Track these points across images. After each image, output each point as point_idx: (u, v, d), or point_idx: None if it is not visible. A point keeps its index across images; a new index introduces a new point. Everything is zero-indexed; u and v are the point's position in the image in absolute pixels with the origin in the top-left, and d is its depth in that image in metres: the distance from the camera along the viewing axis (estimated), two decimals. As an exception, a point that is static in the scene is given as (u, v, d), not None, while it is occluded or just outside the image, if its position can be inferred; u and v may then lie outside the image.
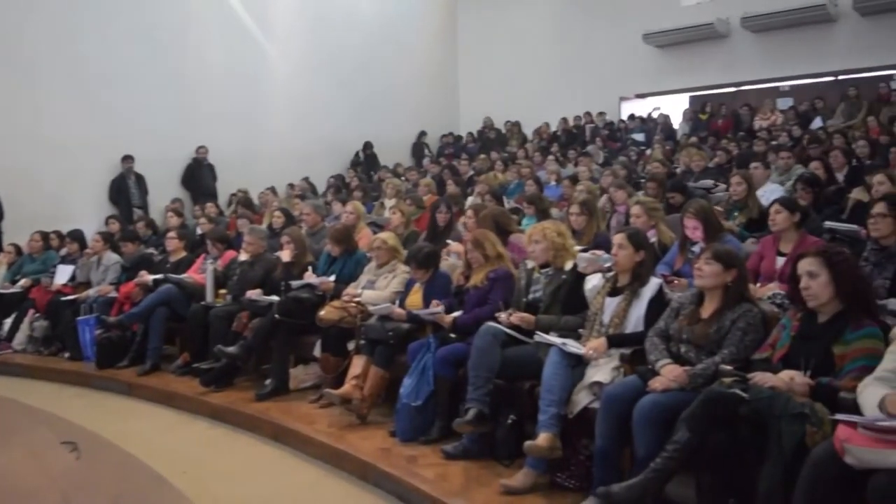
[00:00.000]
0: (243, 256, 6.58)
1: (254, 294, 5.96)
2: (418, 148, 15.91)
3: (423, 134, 16.08)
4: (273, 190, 11.77)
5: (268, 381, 5.57)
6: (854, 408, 2.62)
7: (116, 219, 9.50)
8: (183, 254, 7.32)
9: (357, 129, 14.69)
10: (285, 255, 6.07)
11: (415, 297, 5.03)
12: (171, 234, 7.57)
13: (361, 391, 4.78)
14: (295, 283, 5.72)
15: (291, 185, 12.55)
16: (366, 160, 14.73)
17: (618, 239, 3.91)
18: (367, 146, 14.92)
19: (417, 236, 6.64)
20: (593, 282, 4.03)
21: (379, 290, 5.34)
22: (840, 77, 12.98)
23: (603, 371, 3.62)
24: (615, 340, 3.74)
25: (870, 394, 2.57)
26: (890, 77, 12.25)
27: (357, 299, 5.28)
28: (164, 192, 11.67)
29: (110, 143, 10.96)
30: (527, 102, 15.66)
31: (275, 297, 5.77)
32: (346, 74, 14.48)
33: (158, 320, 6.55)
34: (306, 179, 12.67)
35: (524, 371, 3.99)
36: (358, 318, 5.13)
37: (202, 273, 6.72)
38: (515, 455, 3.85)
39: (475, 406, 3.91)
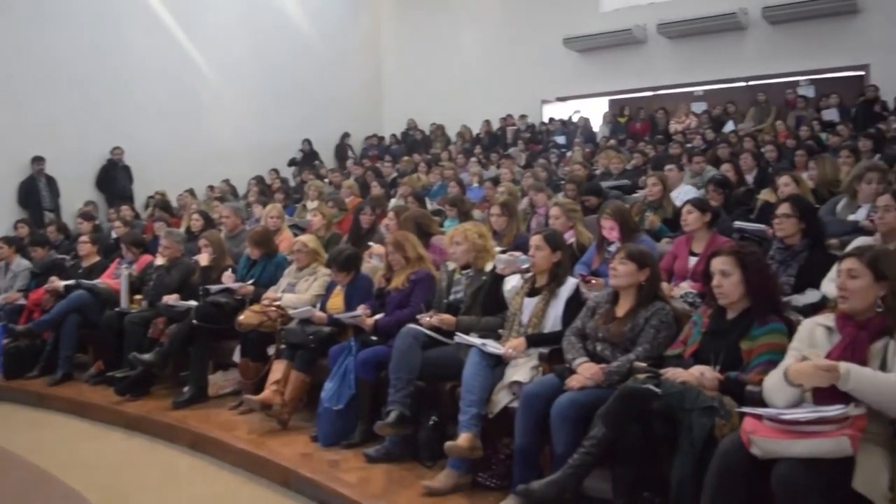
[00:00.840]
0: (160, 261, 6.41)
1: (171, 299, 5.81)
2: (342, 149, 15.79)
3: (346, 135, 15.97)
4: (192, 192, 11.50)
5: (185, 389, 5.43)
6: (760, 401, 2.73)
7: (25, 222, 9.10)
8: (96, 258, 7.06)
9: (280, 131, 14.49)
10: (203, 259, 5.93)
11: (336, 300, 4.99)
12: (84, 238, 7.31)
13: (282, 396, 4.72)
14: (213, 288, 5.60)
15: (211, 188, 12.30)
16: (304, 158, 14.55)
17: (535, 240, 3.96)
18: (306, 142, 14.78)
19: (339, 239, 6.60)
20: (512, 282, 4.08)
21: (299, 293, 5.27)
22: (751, 83, 13.43)
23: (522, 370, 3.66)
24: (534, 340, 3.79)
25: (773, 387, 2.68)
26: (796, 83, 12.78)
27: (277, 303, 5.20)
28: (77, 194, 11.27)
29: (19, 144, 10.54)
30: (451, 105, 15.71)
31: (192, 302, 5.64)
32: (268, 75, 14.28)
33: (70, 328, 6.32)
34: (226, 181, 12.42)
35: (445, 372, 4.00)
36: (278, 322, 5.08)
37: (116, 278, 6.51)
38: (438, 456, 3.85)
39: (396, 408, 3.91)
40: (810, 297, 3.65)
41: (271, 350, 5.07)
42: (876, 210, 3.85)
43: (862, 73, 12.46)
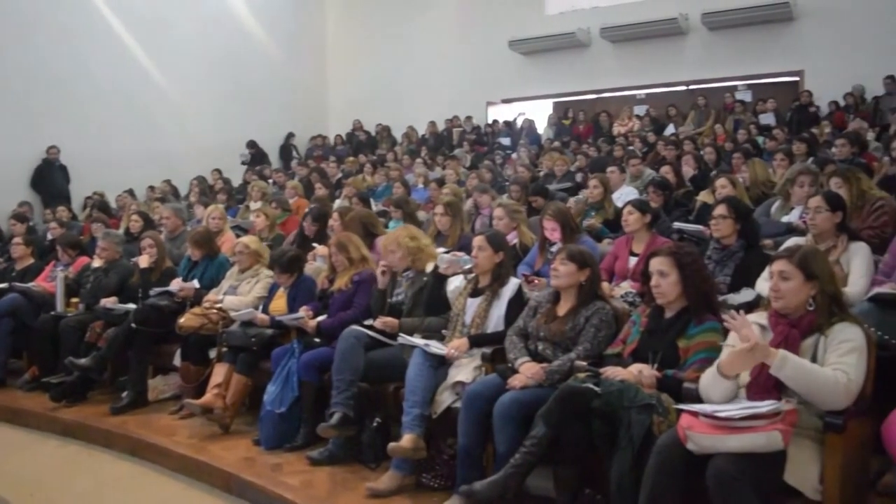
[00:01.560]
0: (97, 263, 6.24)
1: (109, 302, 5.68)
2: (286, 150, 15.64)
3: (290, 136, 15.82)
4: (131, 193, 11.27)
5: (124, 394, 5.31)
6: (697, 397, 2.80)
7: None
8: (31, 261, 6.85)
9: (224, 131, 14.25)
10: (143, 261, 5.80)
11: (279, 302, 4.94)
12: (17, 239, 7.09)
13: (224, 400, 4.66)
14: (153, 290, 5.49)
15: (152, 188, 12.05)
16: (254, 159, 14.34)
17: (478, 241, 3.98)
18: (252, 144, 14.57)
19: (283, 240, 6.53)
20: (455, 283, 4.09)
21: (241, 295, 5.21)
22: (691, 87, 13.72)
23: (465, 371, 3.68)
24: (476, 340, 3.81)
25: (709, 383, 2.76)
26: (735, 88, 13.09)
27: (218, 305, 5.14)
28: (10, 195, 10.90)
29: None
30: (396, 106, 15.70)
31: (131, 305, 5.52)
32: (213, 74, 14.08)
33: (3, 332, 6.12)
34: (168, 182, 12.18)
35: (389, 373, 4.00)
36: (219, 324, 5.01)
37: (52, 281, 6.34)
38: (381, 458, 3.85)
39: (340, 410, 3.90)
40: (745, 295, 3.74)
41: (212, 353, 5.00)
42: (808, 211, 3.96)
43: (797, 78, 12.84)
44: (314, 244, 5.92)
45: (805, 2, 12.46)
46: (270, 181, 11.13)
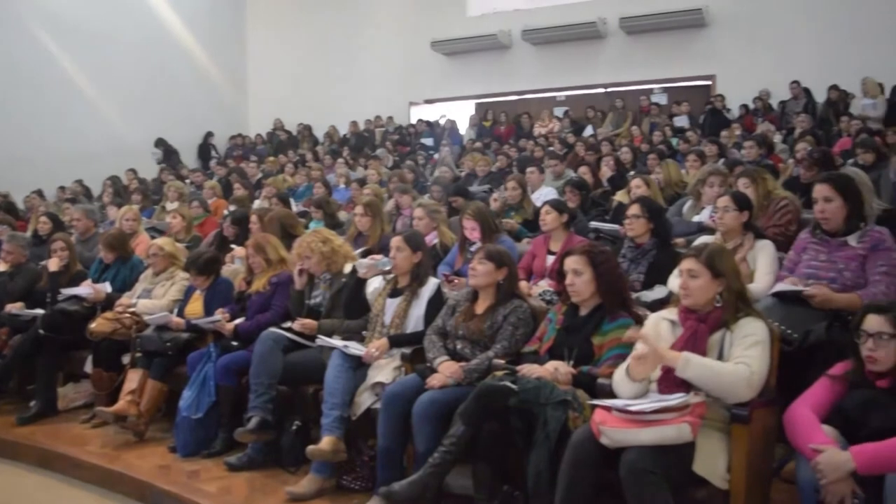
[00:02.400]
0: (2, 267, 5.97)
1: (14, 308, 5.44)
2: (205, 149, 15.30)
3: (209, 135, 15.48)
4: (40, 193, 10.83)
5: (32, 403, 5.10)
6: (610, 393, 2.86)
7: None
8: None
9: (138, 129, 13.85)
10: (53, 264, 5.57)
11: (195, 305, 4.83)
12: None
13: (138, 407, 4.52)
14: (62, 294, 5.29)
15: (62, 189, 11.61)
16: (165, 156, 13.94)
17: (395, 242, 3.97)
18: (160, 142, 14.13)
19: (200, 241, 6.39)
20: (374, 284, 4.08)
21: (156, 298, 5.06)
22: (609, 89, 14.00)
23: (385, 371, 3.67)
24: (396, 340, 3.81)
25: (621, 380, 2.84)
26: (651, 91, 13.45)
27: (132, 310, 4.98)
28: None
29: None
30: (318, 105, 15.54)
31: (39, 311, 5.30)
32: (126, 70, 13.63)
33: None
34: (79, 182, 11.75)
35: (308, 375, 3.96)
36: (133, 329, 4.85)
37: (-48, 287, 6.02)
38: (301, 461, 3.81)
39: (258, 414, 3.85)
40: (658, 292, 3.85)
41: (126, 359, 4.84)
42: (717, 211, 4.10)
43: (709, 82, 13.27)
44: (233, 245, 5.82)
45: (716, 9, 12.91)
46: (188, 181, 10.87)
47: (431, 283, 3.96)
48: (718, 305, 2.84)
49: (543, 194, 6.43)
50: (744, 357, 2.68)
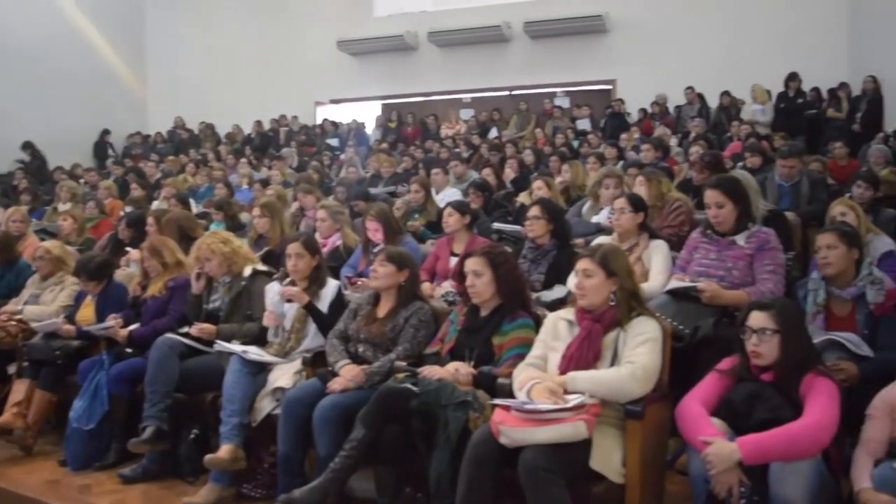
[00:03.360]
0: None
1: None
2: (101, 148, 14.69)
3: (106, 133, 14.86)
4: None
5: None
6: (510, 393, 2.89)
7: None
8: None
9: (29, 125, 13.14)
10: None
11: (86, 311, 4.63)
12: None
13: (25, 419, 4.30)
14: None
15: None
16: (31, 162, 13.22)
17: (293, 249, 3.89)
18: (28, 146, 13.37)
19: (94, 244, 6.13)
20: (274, 289, 3.99)
21: (44, 304, 4.83)
22: (514, 92, 14.22)
23: (285, 376, 3.61)
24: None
25: (521, 378, 2.86)
26: (554, 94, 13.72)
27: (18, 317, 4.72)
28: None
29: None
30: (222, 103, 15.13)
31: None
32: (17, 62, 12.90)
33: None
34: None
35: (206, 382, 3.85)
36: (19, 337, 4.61)
37: None
38: (200, 471, 3.69)
39: (153, 423, 3.71)
40: (557, 292, 3.93)
41: (12, 369, 4.61)
42: (614, 212, 4.21)
43: (610, 87, 13.65)
44: (128, 249, 5.61)
45: (616, 16, 13.30)
46: (82, 181, 10.43)
47: (332, 286, 3.92)
48: (613, 305, 2.91)
49: (448, 195, 6.46)
50: (632, 355, 2.77)
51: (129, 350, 4.21)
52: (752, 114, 10.80)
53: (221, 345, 3.83)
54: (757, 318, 2.71)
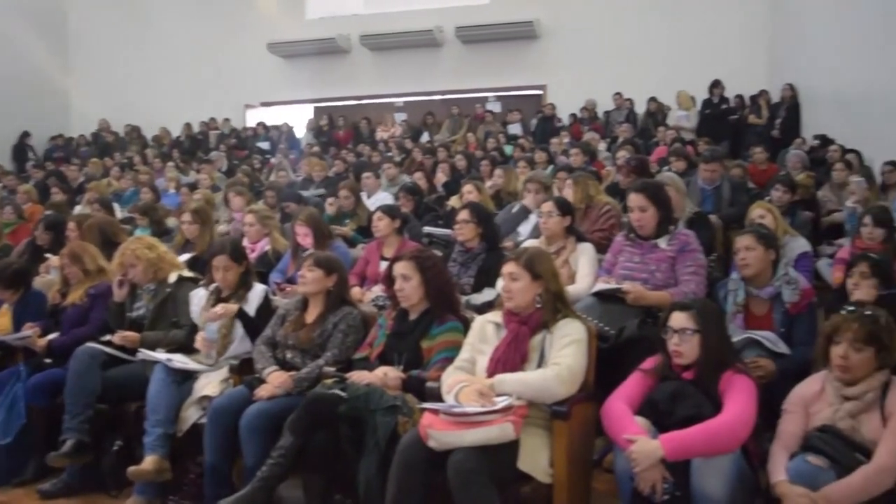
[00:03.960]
0: None
1: None
2: (20, 150, 14.16)
3: (26, 135, 14.33)
4: None
5: None
6: (439, 396, 2.90)
7: None
8: None
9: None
10: None
11: (2, 320, 4.43)
12: None
13: (-66, 435, 4.10)
14: None
15: None
16: None
17: (219, 262, 3.81)
18: None
19: (11, 251, 5.90)
20: (198, 296, 3.91)
21: (-45, 314, 4.62)
22: (446, 96, 14.27)
23: (212, 384, 3.54)
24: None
25: (449, 381, 2.87)
26: (486, 99, 13.82)
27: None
28: None
29: None
30: (148, 105, 14.77)
31: None
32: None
33: None
34: None
35: (129, 392, 3.73)
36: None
37: None
38: (124, 483, 3.59)
39: (73, 436, 3.59)
40: (487, 295, 3.96)
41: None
42: (541, 215, 4.27)
43: (541, 92, 13.83)
44: (47, 255, 5.42)
45: (547, 23, 13.52)
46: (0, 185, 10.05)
47: (258, 291, 3.86)
48: (539, 307, 2.95)
49: (379, 199, 6.45)
50: (558, 357, 2.81)
51: (47, 360, 4.06)
52: (677, 119, 11.11)
53: (145, 353, 3.73)
54: (678, 319, 2.79)
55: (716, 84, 11.25)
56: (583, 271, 3.99)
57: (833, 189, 6.79)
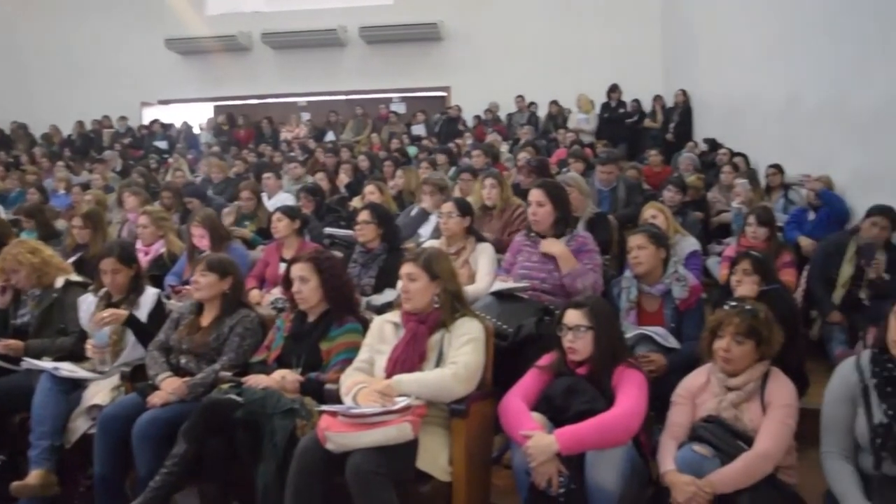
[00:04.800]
0: None
1: None
2: None
3: None
4: None
5: None
6: (338, 398, 2.87)
7: None
8: None
9: None
10: None
11: None
12: None
13: None
14: None
15: None
16: None
17: (107, 265, 3.69)
18: None
19: None
20: (87, 302, 3.76)
21: None
22: (350, 97, 14.20)
23: (102, 392, 3.41)
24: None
25: (348, 383, 2.86)
26: (390, 100, 13.81)
27: None
28: None
29: None
30: (36, 101, 14.10)
31: None
32: None
33: None
34: None
35: (13, 403, 3.56)
36: None
37: None
38: (8, 500, 3.40)
39: (-52, 453, 3.39)
40: (388, 296, 3.95)
41: None
42: (442, 216, 4.29)
43: (445, 93, 13.93)
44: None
45: (451, 24, 13.63)
46: None
47: (150, 295, 3.75)
48: (437, 307, 2.97)
49: (280, 200, 6.35)
50: (455, 356, 2.83)
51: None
52: (577, 122, 11.38)
53: (30, 362, 3.56)
54: (572, 316, 2.86)
55: (613, 88, 11.60)
56: (482, 271, 4.03)
57: (721, 190, 7.09)
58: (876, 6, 5.20)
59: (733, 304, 2.87)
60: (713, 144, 9.31)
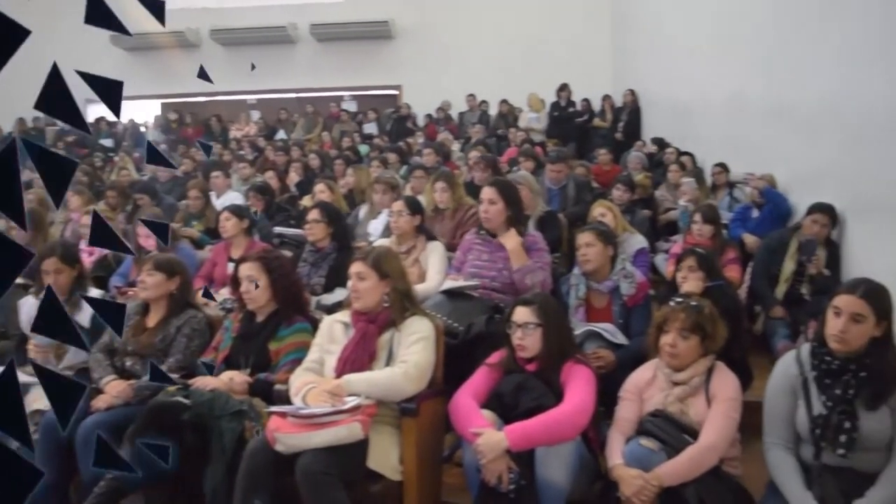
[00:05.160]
0: None
1: None
2: None
3: None
4: None
5: None
6: (287, 399, 2.85)
7: None
8: None
9: None
10: None
11: None
12: None
13: None
14: None
15: None
16: None
17: (49, 265, 3.60)
18: None
19: None
20: (29, 302, 3.66)
21: None
22: (301, 95, 14.08)
23: (44, 398, 3.30)
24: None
25: (297, 383, 2.84)
26: (341, 98, 13.75)
27: None
28: None
29: None
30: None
31: None
32: None
33: None
34: None
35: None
36: None
37: None
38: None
39: None
40: (338, 295, 3.93)
41: None
42: (392, 215, 4.28)
43: (396, 92, 13.90)
44: None
45: (402, 23, 13.61)
46: None
47: (94, 296, 3.66)
48: (387, 306, 2.96)
49: (229, 199, 6.26)
50: (405, 355, 2.83)
51: None
52: (528, 121, 11.46)
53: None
54: (521, 313, 2.88)
55: (563, 88, 11.70)
56: (433, 269, 4.03)
57: (669, 189, 7.21)
58: (820, 5, 5.31)
59: (679, 300, 2.92)
60: (661, 144, 9.46)
